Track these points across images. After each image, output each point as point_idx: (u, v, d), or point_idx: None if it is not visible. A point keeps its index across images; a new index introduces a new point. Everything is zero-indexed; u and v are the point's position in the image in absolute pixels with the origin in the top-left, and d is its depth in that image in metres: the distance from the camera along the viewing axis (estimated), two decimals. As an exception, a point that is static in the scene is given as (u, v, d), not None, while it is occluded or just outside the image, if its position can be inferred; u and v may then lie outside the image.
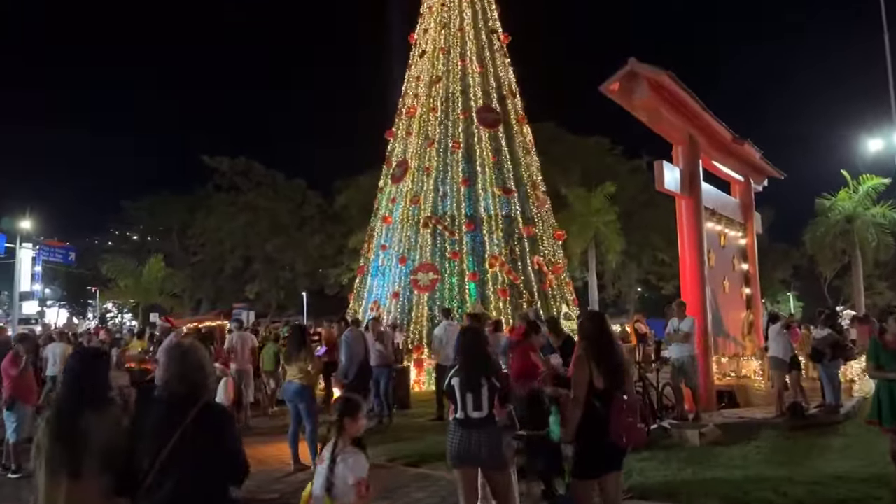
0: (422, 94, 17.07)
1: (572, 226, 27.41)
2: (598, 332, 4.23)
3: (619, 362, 4.08)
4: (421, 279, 15.14)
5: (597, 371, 3.98)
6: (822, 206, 25.74)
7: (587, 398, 3.99)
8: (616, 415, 3.90)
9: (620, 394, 4.01)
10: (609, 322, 4.42)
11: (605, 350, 4.09)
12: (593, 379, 3.98)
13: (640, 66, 10.69)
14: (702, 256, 12.29)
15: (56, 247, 35.42)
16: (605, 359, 4.03)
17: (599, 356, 4.05)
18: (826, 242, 25.76)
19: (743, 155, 14.87)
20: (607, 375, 3.98)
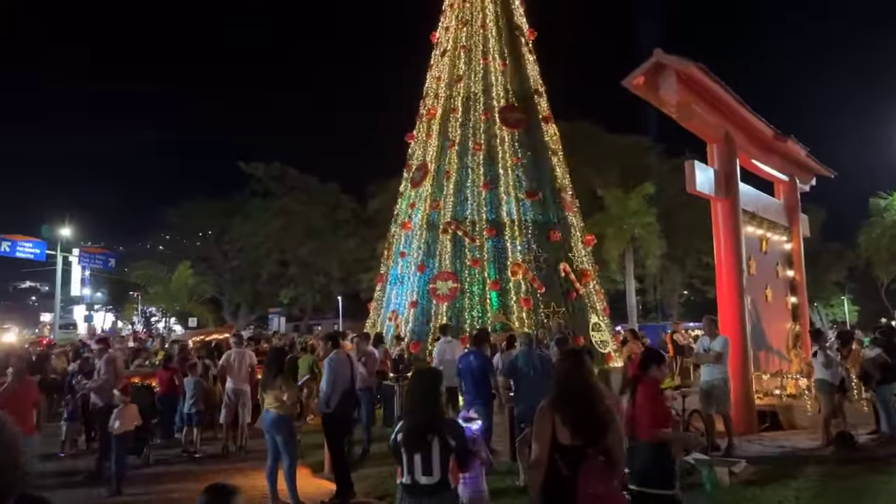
0: (442, 95, 16.38)
1: (609, 228, 26.34)
2: (567, 373, 3.44)
3: (594, 411, 3.22)
4: (440, 288, 14.44)
5: (561, 421, 3.18)
6: (876, 206, 23.96)
7: (549, 457, 3.19)
8: (583, 481, 3.09)
9: (596, 452, 3.18)
10: (588, 362, 3.58)
11: (574, 396, 3.27)
12: (556, 432, 3.18)
13: (667, 58, 9.75)
14: (740, 264, 11.25)
15: (96, 253, 36.01)
16: (573, 406, 3.21)
17: (565, 403, 3.24)
18: (882, 244, 23.94)
19: (786, 153, 13.69)
20: (576, 428, 3.13)
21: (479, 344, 7.61)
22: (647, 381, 4.59)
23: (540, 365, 6.99)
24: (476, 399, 7.17)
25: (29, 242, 30.18)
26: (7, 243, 28.88)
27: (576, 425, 3.12)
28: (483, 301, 14.24)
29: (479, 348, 7.55)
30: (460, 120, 15.75)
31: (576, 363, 3.47)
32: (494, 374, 7.50)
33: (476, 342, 7.67)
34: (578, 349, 6.02)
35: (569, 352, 3.93)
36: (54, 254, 32.96)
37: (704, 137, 11.57)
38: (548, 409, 3.26)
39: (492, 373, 7.47)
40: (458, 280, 14.39)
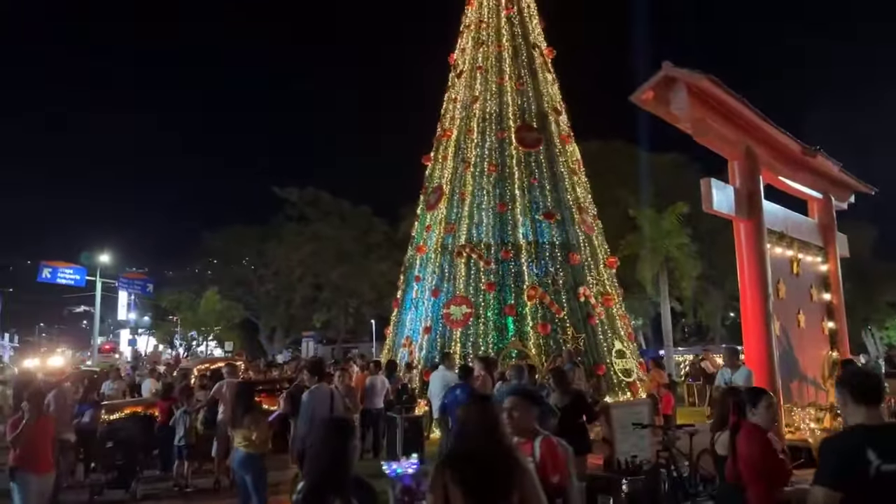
0: (458, 116, 16.12)
1: (642, 249, 25.51)
2: (464, 423, 2.96)
3: (493, 470, 2.67)
4: (454, 313, 14.03)
5: (452, 482, 2.68)
6: None
7: None
8: None
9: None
10: (496, 410, 3.05)
11: (469, 452, 2.77)
12: (449, 496, 2.68)
13: (677, 71, 9.24)
14: (765, 288, 10.52)
15: (135, 279, 36.86)
16: (465, 465, 2.69)
17: (458, 460, 2.76)
18: None
19: (818, 169, 12.89)
20: (470, 490, 2.61)
21: (466, 377, 7.13)
22: (750, 428, 3.86)
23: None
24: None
25: (70, 269, 31.03)
26: (48, 269, 29.73)
27: (468, 488, 2.64)
28: (499, 327, 13.77)
29: (466, 381, 7.07)
30: (476, 141, 15.44)
31: (478, 411, 3.00)
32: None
33: (464, 375, 7.19)
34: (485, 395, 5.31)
35: (476, 399, 3.45)
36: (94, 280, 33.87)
37: (724, 154, 10.94)
38: (439, 468, 2.80)
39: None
40: (472, 305, 13.96)
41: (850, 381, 2.96)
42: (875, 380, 2.94)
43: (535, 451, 3.35)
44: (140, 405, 10.79)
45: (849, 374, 3.12)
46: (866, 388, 2.85)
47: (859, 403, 2.83)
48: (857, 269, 37.80)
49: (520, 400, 3.50)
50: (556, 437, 3.50)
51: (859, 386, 2.87)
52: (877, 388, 2.88)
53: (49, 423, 6.40)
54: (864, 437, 2.70)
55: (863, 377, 2.99)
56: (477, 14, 16.82)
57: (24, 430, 5.96)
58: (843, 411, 2.95)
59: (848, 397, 2.90)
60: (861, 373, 3.09)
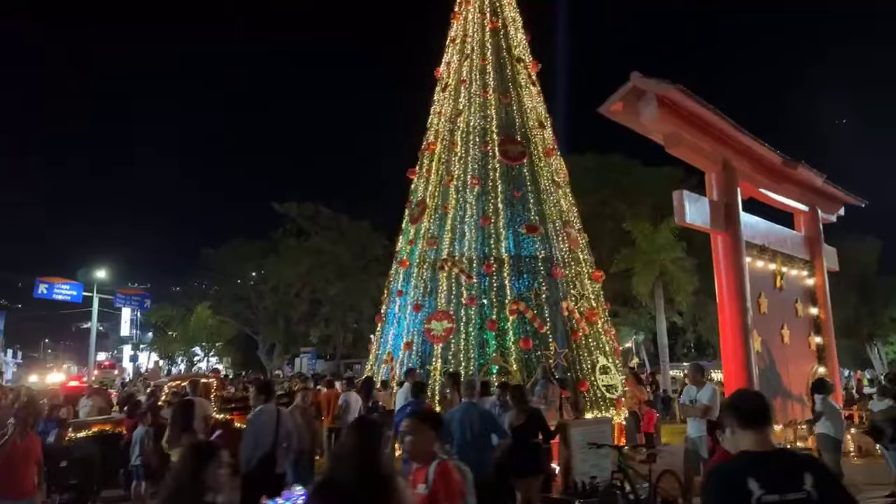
0: (442, 130, 16.03)
1: (636, 264, 25.27)
2: (339, 450, 2.79)
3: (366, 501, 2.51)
4: (435, 328, 13.82)
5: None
6: None
7: None
8: None
9: None
10: (374, 434, 2.87)
11: (341, 481, 2.60)
12: None
13: (645, 81, 9.11)
14: (744, 301, 10.29)
15: (132, 294, 36.85)
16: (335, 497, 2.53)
17: (330, 489, 2.59)
18: None
19: (802, 180, 12.68)
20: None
21: (417, 394, 6.91)
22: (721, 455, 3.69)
23: (479, 423, 6.21)
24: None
25: (66, 285, 31.05)
26: (44, 286, 29.75)
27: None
28: (480, 342, 13.54)
29: (418, 399, 6.85)
30: (459, 154, 15.32)
31: (355, 434, 2.82)
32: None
33: (416, 392, 6.97)
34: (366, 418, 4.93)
35: (359, 423, 3.26)
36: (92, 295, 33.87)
37: (699, 166, 10.78)
38: (310, 494, 2.64)
39: None
40: (453, 320, 13.75)
41: (735, 404, 2.81)
42: (761, 401, 2.78)
43: (429, 476, 3.17)
44: (109, 423, 10.63)
45: (734, 396, 2.94)
46: (752, 411, 2.70)
47: (746, 428, 2.68)
48: (863, 284, 37.33)
49: (416, 423, 3.32)
50: (454, 462, 3.31)
51: (744, 409, 2.72)
52: (763, 409, 2.72)
53: (35, 442, 6.04)
54: (747, 465, 2.56)
55: (748, 399, 2.82)
56: (462, 28, 16.79)
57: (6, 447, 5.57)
58: (730, 438, 2.77)
59: (734, 422, 2.72)
60: (746, 395, 2.90)
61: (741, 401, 2.84)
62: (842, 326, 38.12)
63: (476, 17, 16.67)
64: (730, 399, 2.97)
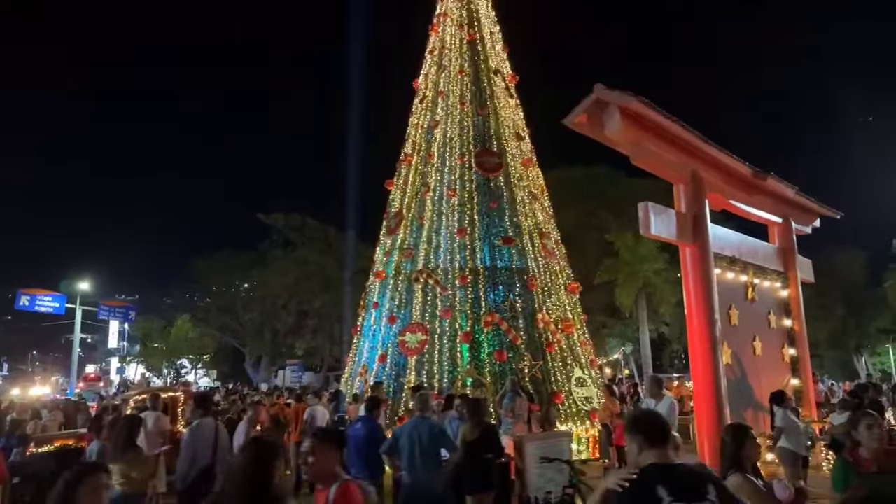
0: (420, 141, 16.03)
1: (619, 275, 25.26)
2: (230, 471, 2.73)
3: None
4: (409, 340, 13.73)
5: None
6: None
7: None
8: None
9: None
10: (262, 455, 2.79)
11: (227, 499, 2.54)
12: None
13: (608, 93, 9.09)
14: (711, 313, 10.24)
15: (116, 306, 36.58)
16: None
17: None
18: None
19: (773, 192, 12.70)
20: None
21: (371, 409, 6.79)
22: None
23: (429, 438, 6.11)
24: (360, 475, 6.33)
25: (49, 297, 30.78)
26: (26, 297, 29.50)
27: None
28: (454, 355, 13.46)
29: (370, 415, 6.72)
30: (436, 166, 15.31)
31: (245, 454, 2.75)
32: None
33: (369, 408, 6.84)
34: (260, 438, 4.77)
35: (249, 441, 3.19)
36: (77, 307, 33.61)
37: (667, 178, 10.78)
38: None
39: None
40: (428, 332, 13.67)
41: (638, 426, 2.89)
42: (662, 421, 2.91)
43: (329, 498, 3.09)
44: (72, 438, 10.48)
45: (636, 419, 2.99)
46: (656, 430, 2.83)
47: (651, 447, 2.80)
48: (850, 296, 37.47)
49: (318, 443, 3.23)
50: (358, 482, 3.23)
51: (649, 429, 2.84)
52: (665, 429, 2.85)
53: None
54: (656, 474, 2.67)
55: (651, 420, 2.93)
56: (440, 40, 16.84)
57: None
58: (634, 457, 2.83)
59: (642, 442, 2.83)
60: (648, 416, 3.00)
61: (645, 421, 2.93)
62: (829, 338, 38.38)
63: (454, 29, 16.73)
64: (632, 420, 3.01)
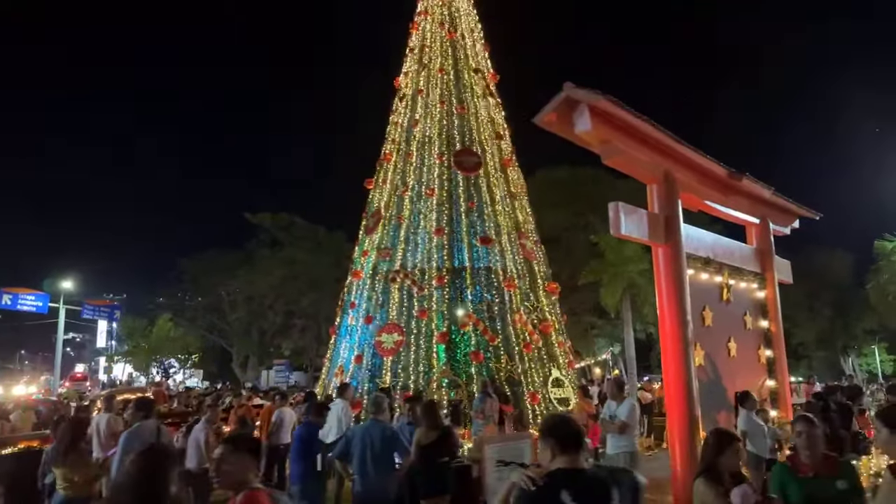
0: (399, 140, 15.93)
1: (604, 275, 25.20)
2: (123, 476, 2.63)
3: None
4: (385, 341, 13.63)
5: None
6: (882, 249, 22.08)
7: None
8: None
9: None
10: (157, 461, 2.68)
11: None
12: None
13: (578, 92, 8.96)
14: (684, 314, 10.12)
15: (101, 305, 36.31)
16: None
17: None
18: (890, 290, 21.88)
19: (750, 193, 12.64)
20: None
21: (317, 413, 6.57)
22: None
23: (381, 442, 5.99)
24: (295, 480, 6.11)
25: (31, 296, 30.51)
26: (8, 296, 29.22)
27: None
28: (430, 355, 13.35)
29: (312, 418, 6.48)
30: (415, 165, 15.21)
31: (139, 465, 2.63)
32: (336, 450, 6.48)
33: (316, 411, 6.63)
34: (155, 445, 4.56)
35: (144, 448, 3.05)
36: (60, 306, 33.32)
37: (639, 178, 10.66)
38: None
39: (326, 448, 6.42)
40: (404, 332, 13.57)
41: (552, 432, 2.91)
42: (575, 428, 2.93)
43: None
44: (37, 439, 10.30)
45: (550, 425, 2.95)
46: (568, 438, 2.86)
47: (563, 453, 2.84)
48: (837, 297, 37.57)
49: (230, 448, 3.12)
50: (267, 490, 3.12)
51: (562, 436, 2.87)
52: (577, 436, 2.89)
53: None
54: (562, 479, 2.74)
55: (565, 426, 2.92)
56: (420, 38, 16.73)
57: None
58: (547, 462, 2.80)
59: (555, 447, 2.86)
60: (562, 422, 2.96)
61: (559, 428, 2.93)
62: (817, 339, 38.49)
63: (434, 28, 16.63)
64: (547, 426, 2.97)
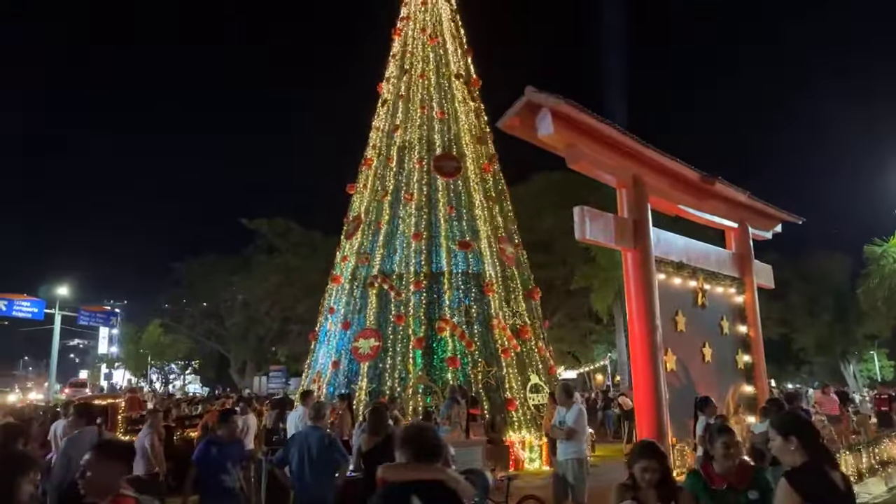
0: (380, 144, 15.92)
1: (595, 280, 25.10)
2: None
3: None
4: (361, 347, 13.56)
5: None
6: (872, 254, 21.88)
7: None
8: None
9: None
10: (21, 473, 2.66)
11: None
12: None
13: (539, 96, 8.93)
14: (652, 319, 10.04)
15: (97, 311, 36.42)
16: None
17: None
18: (879, 296, 21.66)
19: (726, 197, 12.55)
20: None
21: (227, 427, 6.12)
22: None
23: (318, 449, 5.86)
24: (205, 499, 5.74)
25: (27, 302, 30.64)
26: (3, 302, 29.35)
27: None
28: (406, 361, 13.29)
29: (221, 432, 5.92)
30: (394, 170, 15.19)
31: None
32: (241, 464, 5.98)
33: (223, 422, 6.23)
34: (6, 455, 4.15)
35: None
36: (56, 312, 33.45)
37: (607, 182, 10.62)
38: None
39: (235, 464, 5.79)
40: (381, 338, 13.51)
41: (410, 440, 2.90)
42: (434, 440, 2.95)
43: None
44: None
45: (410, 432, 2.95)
46: (423, 449, 2.86)
47: (419, 462, 2.84)
48: (836, 302, 37.20)
49: (96, 456, 3.07)
50: (136, 497, 3.06)
51: (418, 446, 2.86)
52: (430, 448, 2.88)
53: None
54: (413, 487, 2.75)
55: (419, 440, 2.91)
56: (402, 44, 16.75)
57: None
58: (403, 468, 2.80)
59: (410, 459, 2.87)
60: (417, 436, 2.94)
61: (413, 440, 2.91)
62: (817, 344, 38.13)
63: (416, 33, 16.64)
64: (406, 434, 2.95)
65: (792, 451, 3.17)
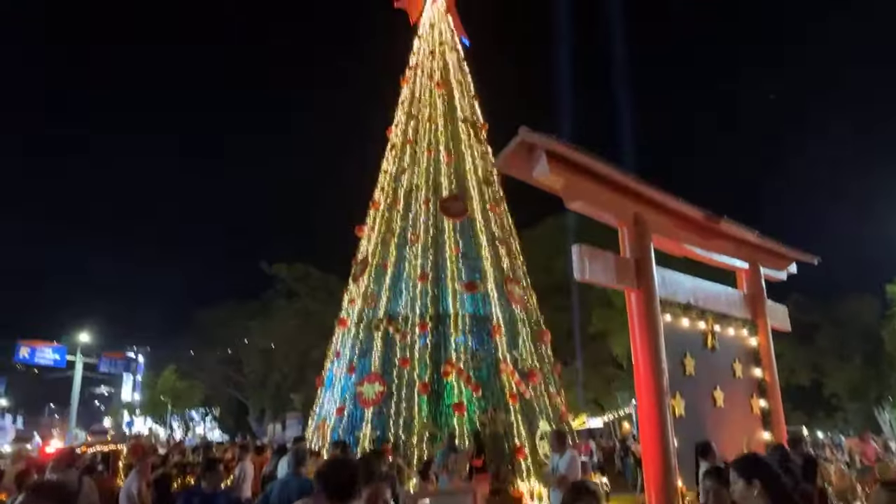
0: (387, 187, 16.05)
1: (613, 324, 24.66)
2: None
3: None
4: (366, 391, 13.36)
5: None
6: (894, 294, 21.14)
7: None
8: None
9: None
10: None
11: None
12: None
13: (533, 136, 8.91)
14: (658, 363, 9.75)
15: (118, 358, 36.71)
16: None
17: None
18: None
19: (734, 236, 12.30)
20: None
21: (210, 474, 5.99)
22: None
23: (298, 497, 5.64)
24: None
25: (49, 348, 31.01)
26: (26, 349, 29.75)
27: None
28: (411, 406, 13.03)
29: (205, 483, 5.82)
30: (401, 212, 15.25)
31: None
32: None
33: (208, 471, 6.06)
34: None
35: None
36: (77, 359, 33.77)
37: (607, 222, 10.46)
38: None
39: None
40: (385, 383, 13.31)
41: (324, 477, 2.80)
42: (348, 475, 2.81)
43: None
44: (3, 492, 10.22)
45: (326, 468, 2.80)
46: (338, 484, 2.77)
47: (331, 500, 2.74)
48: (866, 345, 35.98)
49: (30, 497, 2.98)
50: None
51: (333, 482, 2.77)
52: (342, 486, 2.76)
53: None
54: None
55: (341, 475, 2.81)
56: (410, 90, 17.04)
57: None
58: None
59: (322, 493, 2.75)
60: (339, 467, 2.80)
61: (330, 473, 2.81)
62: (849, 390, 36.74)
63: (424, 79, 16.93)
64: (322, 468, 2.80)
65: (755, 497, 2.97)
